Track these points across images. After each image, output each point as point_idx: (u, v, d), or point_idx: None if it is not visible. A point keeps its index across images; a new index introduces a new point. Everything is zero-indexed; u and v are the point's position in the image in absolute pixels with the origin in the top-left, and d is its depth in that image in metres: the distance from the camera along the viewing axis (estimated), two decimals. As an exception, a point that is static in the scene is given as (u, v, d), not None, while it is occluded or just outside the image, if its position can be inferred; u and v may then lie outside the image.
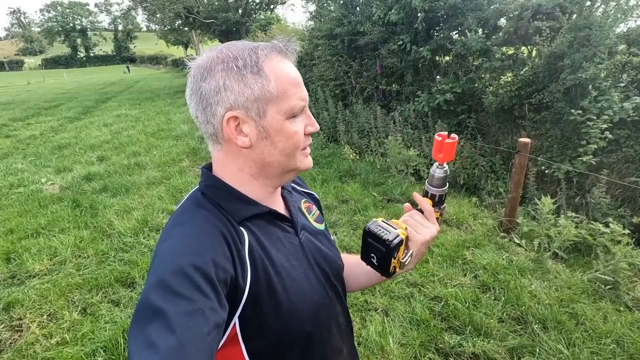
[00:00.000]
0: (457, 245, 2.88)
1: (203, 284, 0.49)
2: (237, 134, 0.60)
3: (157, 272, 0.51)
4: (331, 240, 0.81)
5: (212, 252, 0.54)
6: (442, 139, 0.68)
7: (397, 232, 0.65)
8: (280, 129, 0.60)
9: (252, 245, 0.61)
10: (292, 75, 0.61)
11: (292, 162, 0.64)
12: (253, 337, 0.60)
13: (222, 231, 0.58)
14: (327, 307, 0.71)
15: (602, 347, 1.90)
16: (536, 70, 4.02)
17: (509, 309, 2.22)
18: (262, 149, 0.61)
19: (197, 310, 0.47)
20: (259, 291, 0.59)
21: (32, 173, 5.05)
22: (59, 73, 41.52)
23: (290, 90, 0.60)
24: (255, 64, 0.58)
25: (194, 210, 0.62)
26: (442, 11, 4.87)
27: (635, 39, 3.68)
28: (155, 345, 0.43)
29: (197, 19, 18.79)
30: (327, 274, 0.73)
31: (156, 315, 0.45)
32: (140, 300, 0.49)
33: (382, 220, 0.67)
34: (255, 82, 0.58)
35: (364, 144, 5.31)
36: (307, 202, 0.82)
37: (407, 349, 1.96)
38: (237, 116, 0.59)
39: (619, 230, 2.58)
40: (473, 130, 4.66)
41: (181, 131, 7.30)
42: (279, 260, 0.63)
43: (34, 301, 2.41)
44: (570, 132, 3.67)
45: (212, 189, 0.65)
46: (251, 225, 0.64)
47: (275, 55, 0.60)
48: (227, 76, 0.58)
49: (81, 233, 3.26)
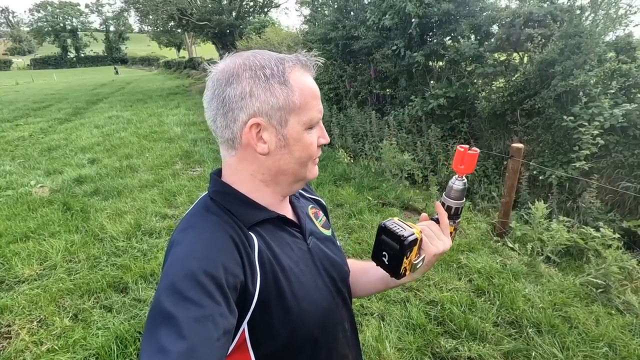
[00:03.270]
0: (451, 249, 2.90)
1: (213, 289, 0.50)
2: (257, 140, 0.61)
3: (168, 276, 0.52)
4: (338, 246, 0.81)
5: (223, 257, 0.55)
6: (464, 150, 0.68)
7: (412, 230, 0.65)
8: (299, 138, 0.62)
9: (261, 250, 0.61)
10: (313, 88, 0.63)
11: (303, 171, 0.66)
12: (261, 343, 0.60)
13: (232, 236, 0.59)
14: (334, 313, 0.71)
15: (595, 350, 1.93)
16: (528, 76, 4.09)
17: (503, 312, 2.24)
18: (280, 156, 0.63)
19: (207, 316, 0.47)
20: (268, 296, 0.59)
21: (21, 175, 4.95)
22: (49, 73, 40.90)
23: (311, 102, 0.62)
24: (282, 74, 0.60)
25: (204, 215, 0.63)
26: (436, 17, 4.93)
27: (624, 47, 3.77)
28: (165, 350, 0.43)
29: (191, 21, 18.72)
30: (335, 280, 0.73)
31: (167, 320, 0.46)
32: (152, 303, 0.50)
33: (399, 219, 0.68)
34: (282, 91, 0.59)
35: (358, 148, 5.33)
36: (314, 208, 0.83)
37: (403, 354, 1.96)
38: (260, 123, 0.60)
39: (609, 235, 2.63)
40: (466, 135, 4.72)
41: (174, 133, 7.24)
42: (288, 266, 0.64)
43: (24, 307, 2.35)
44: (562, 138, 3.73)
45: (221, 195, 0.65)
46: (261, 230, 0.64)
47: (299, 68, 0.62)
48: (254, 83, 0.59)
49: (72, 237, 3.21)
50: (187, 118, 8.95)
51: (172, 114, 9.66)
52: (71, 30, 71.08)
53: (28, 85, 24.34)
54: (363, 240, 3.09)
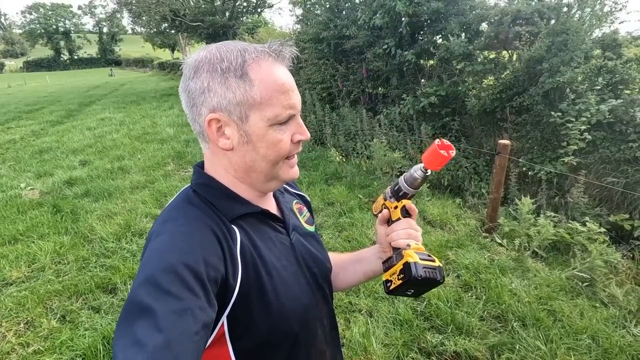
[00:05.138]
0: (440, 246, 2.92)
1: (193, 282, 0.49)
2: (219, 136, 0.60)
3: (146, 269, 0.50)
4: (321, 242, 0.81)
5: (203, 250, 0.54)
6: (440, 147, 0.64)
7: (438, 265, 0.64)
8: (262, 135, 0.59)
9: (243, 244, 0.60)
10: (280, 81, 0.59)
11: (275, 171, 0.64)
12: (240, 337, 0.59)
13: (214, 229, 0.58)
14: (314, 309, 0.71)
15: (579, 342, 1.95)
16: (516, 74, 4.13)
17: (489, 307, 2.26)
18: (244, 153, 0.61)
19: (186, 309, 0.46)
20: (249, 290, 0.58)
21: (11, 178, 4.91)
22: (41, 76, 40.58)
23: (276, 97, 0.58)
24: (240, 68, 0.57)
25: (186, 207, 0.62)
26: (426, 16, 4.96)
27: (610, 44, 3.82)
28: (141, 343, 0.42)
29: (184, 22, 18.65)
30: (316, 276, 0.73)
31: (144, 313, 0.45)
32: (129, 297, 0.48)
33: (420, 259, 0.63)
34: (238, 86, 0.57)
35: (350, 147, 5.34)
36: (299, 204, 0.83)
37: (390, 349, 1.98)
38: (219, 118, 0.59)
39: (595, 229, 2.66)
40: (457, 133, 4.74)
41: (167, 135, 7.22)
42: (270, 260, 0.63)
43: (11, 309, 2.34)
44: (550, 134, 3.77)
45: (204, 187, 0.65)
46: (243, 223, 0.63)
47: (266, 59, 0.59)
48: (212, 78, 0.57)
49: (61, 239, 3.19)
50: (180, 119, 8.92)
51: (166, 115, 9.62)
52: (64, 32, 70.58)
53: (21, 87, 24.14)
54: (353, 238, 3.10)
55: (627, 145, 3.25)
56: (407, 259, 0.63)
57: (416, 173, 0.69)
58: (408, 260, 0.63)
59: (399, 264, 0.64)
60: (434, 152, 0.64)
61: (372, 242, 3.07)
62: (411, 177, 0.70)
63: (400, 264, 0.64)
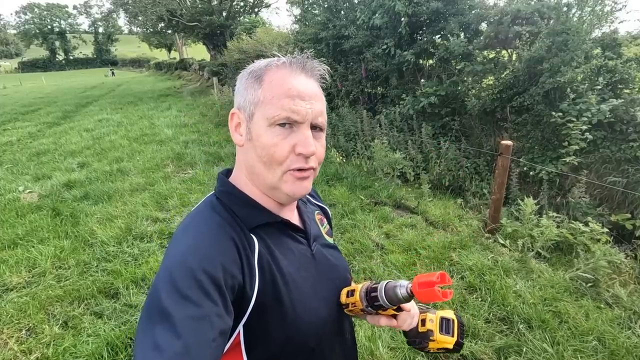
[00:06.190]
0: (443, 247, 2.92)
1: (211, 289, 0.50)
2: (235, 131, 0.66)
3: (167, 271, 0.52)
4: (340, 254, 0.80)
5: (222, 257, 0.55)
6: (438, 283, 0.54)
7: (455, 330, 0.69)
8: (260, 134, 0.60)
9: (262, 254, 0.61)
10: (289, 85, 0.59)
11: (271, 177, 0.61)
12: (255, 347, 0.59)
13: (233, 237, 0.59)
14: (333, 323, 0.69)
15: (585, 344, 1.95)
16: (517, 73, 4.13)
17: (495, 309, 2.25)
18: (248, 149, 0.63)
19: (204, 316, 0.48)
20: (266, 301, 0.58)
21: (9, 181, 4.87)
22: (37, 76, 40.33)
23: (279, 98, 0.58)
24: (261, 72, 0.62)
25: (208, 214, 0.63)
26: (425, 16, 4.95)
27: (609, 44, 3.82)
28: (160, 348, 0.44)
29: (181, 22, 18.55)
30: (337, 288, 0.72)
31: (164, 317, 0.47)
32: (150, 295, 0.50)
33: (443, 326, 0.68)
34: (253, 87, 0.62)
35: (350, 147, 5.33)
36: (320, 215, 0.82)
37: (396, 353, 1.97)
38: (236, 114, 0.65)
39: (597, 229, 2.66)
40: (457, 133, 4.74)
41: (165, 136, 7.18)
42: (287, 271, 0.63)
43: (12, 315, 2.31)
44: (550, 134, 3.77)
45: (226, 195, 0.66)
46: (263, 233, 0.63)
47: (285, 68, 0.62)
48: (241, 82, 0.65)
49: (61, 243, 3.16)
50: (178, 120, 8.88)
51: (164, 115, 9.57)
52: (59, 33, 70.15)
53: (16, 88, 23.94)
54: (356, 240, 3.09)
55: (628, 145, 3.27)
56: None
57: (400, 292, 0.60)
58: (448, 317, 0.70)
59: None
60: (429, 285, 0.55)
61: (374, 243, 3.06)
62: (393, 293, 0.61)
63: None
